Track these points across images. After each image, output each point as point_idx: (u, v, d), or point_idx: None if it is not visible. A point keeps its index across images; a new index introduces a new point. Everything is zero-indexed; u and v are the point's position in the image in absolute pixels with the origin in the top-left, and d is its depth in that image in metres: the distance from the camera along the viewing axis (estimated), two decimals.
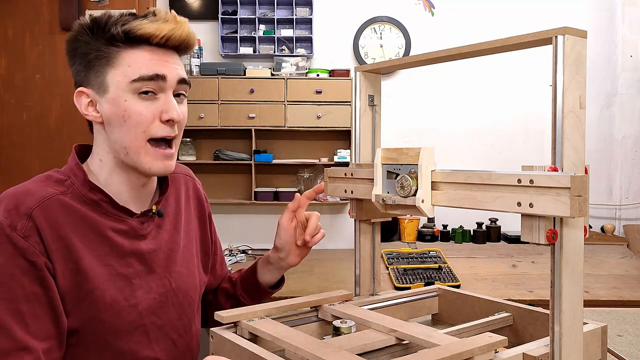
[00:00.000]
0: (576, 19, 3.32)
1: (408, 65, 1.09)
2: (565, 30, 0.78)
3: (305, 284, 2.45)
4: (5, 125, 3.30)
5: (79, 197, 0.95)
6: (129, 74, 0.92)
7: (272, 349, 0.87)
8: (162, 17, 0.94)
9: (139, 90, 0.92)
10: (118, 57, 0.92)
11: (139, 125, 0.93)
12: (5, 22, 3.27)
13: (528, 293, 2.38)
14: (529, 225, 0.79)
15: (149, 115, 0.93)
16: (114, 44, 0.92)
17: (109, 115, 0.94)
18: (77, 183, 0.96)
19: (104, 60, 0.93)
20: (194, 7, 3.35)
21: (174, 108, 0.94)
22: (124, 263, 0.97)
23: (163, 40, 0.93)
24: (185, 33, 0.95)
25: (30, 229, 0.87)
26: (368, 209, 1.15)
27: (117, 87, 0.92)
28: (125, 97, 0.92)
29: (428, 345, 0.84)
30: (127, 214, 0.99)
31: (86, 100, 0.96)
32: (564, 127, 0.78)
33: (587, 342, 0.92)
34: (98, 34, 0.92)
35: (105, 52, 0.92)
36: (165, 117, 0.94)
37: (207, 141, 3.35)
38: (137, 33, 0.91)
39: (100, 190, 0.96)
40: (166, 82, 0.94)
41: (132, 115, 0.92)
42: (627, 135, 3.34)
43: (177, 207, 1.11)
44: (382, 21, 3.36)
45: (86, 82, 0.95)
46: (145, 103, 0.93)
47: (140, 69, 0.92)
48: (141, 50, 0.93)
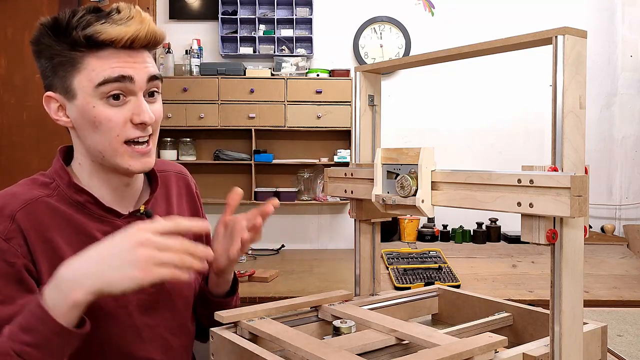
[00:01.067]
0: (576, 19, 3.32)
1: (408, 65, 1.09)
2: (565, 30, 0.78)
3: (305, 284, 2.45)
4: (5, 125, 3.30)
5: (65, 200, 0.94)
6: (94, 78, 0.88)
7: (272, 349, 0.87)
8: (125, 15, 0.89)
9: (107, 95, 0.89)
10: (82, 62, 0.88)
11: (111, 131, 0.90)
12: (5, 22, 3.27)
13: (528, 293, 2.38)
14: (529, 225, 0.79)
15: (119, 121, 0.90)
16: (76, 48, 0.88)
17: (79, 121, 0.91)
18: (62, 185, 0.95)
19: (68, 65, 0.89)
20: (194, 7, 3.35)
21: (144, 110, 0.91)
22: None
23: (128, 43, 0.88)
24: (150, 33, 0.90)
25: (14, 231, 0.87)
26: (368, 209, 1.15)
27: (84, 93, 0.89)
28: (93, 103, 0.89)
29: (428, 345, 0.84)
30: (114, 215, 0.97)
31: (55, 104, 0.93)
32: (564, 127, 0.78)
33: (587, 342, 0.92)
34: (60, 37, 0.88)
35: (68, 56, 0.88)
36: (136, 120, 0.90)
37: (207, 141, 3.35)
38: (99, 38, 0.87)
39: (86, 192, 0.95)
40: (134, 84, 0.90)
41: (102, 121, 0.89)
42: (627, 135, 3.34)
43: (168, 206, 1.09)
44: (382, 21, 3.36)
45: (53, 87, 0.92)
46: (115, 109, 0.89)
47: (104, 72, 0.88)
48: (106, 53, 0.88)
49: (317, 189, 3.25)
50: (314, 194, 3.25)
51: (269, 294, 2.30)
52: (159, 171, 1.07)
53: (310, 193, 3.26)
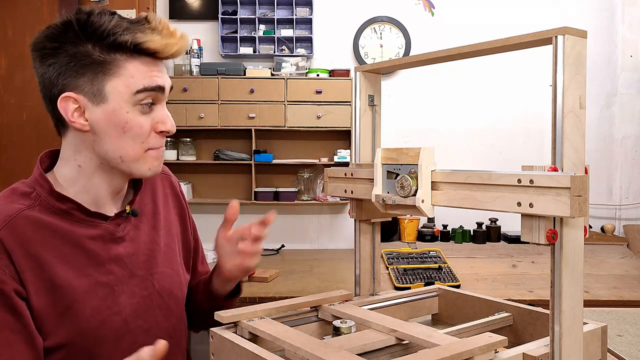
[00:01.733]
0: (576, 19, 3.32)
1: (408, 65, 1.09)
2: (565, 30, 0.78)
3: (305, 284, 2.45)
4: (5, 125, 3.30)
5: (48, 209, 0.92)
6: (132, 85, 0.89)
7: (272, 349, 0.87)
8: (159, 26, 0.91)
9: (141, 102, 0.91)
10: (120, 67, 0.89)
11: (138, 137, 0.92)
12: (5, 22, 3.27)
13: (528, 293, 2.38)
14: (529, 225, 0.79)
15: (147, 128, 0.93)
16: (117, 52, 0.88)
17: (104, 125, 0.90)
18: (44, 194, 0.92)
19: (101, 67, 0.88)
20: (194, 7, 3.35)
21: (169, 119, 0.95)
22: (104, 270, 0.95)
23: (169, 55, 0.92)
24: (185, 49, 0.95)
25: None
26: (368, 209, 1.15)
27: (119, 98, 0.89)
28: (127, 108, 0.90)
29: (428, 345, 0.84)
30: (100, 218, 0.96)
31: (74, 106, 0.90)
32: (564, 127, 0.78)
33: (587, 342, 0.92)
34: (95, 38, 0.87)
35: (104, 58, 0.88)
36: (162, 128, 0.94)
37: (207, 141, 3.35)
38: (146, 46, 0.89)
39: (68, 199, 0.93)
40: (163, 94, 0.94)
41: (133, 127, 0.91)
42: (627, 135, 3.34)
43: (155, 206, 1.08)
44: (382, 21, 3.36)
45: (75, 88, 0.89)
46: (144, 116, 0.92)
47: (143, 80, 0.90)
48: (143, 61, 0.91)
49: (317, 189, 3.25)
50: (314, 194, 3.25)
51: (269, 294, 2.30)
52: None
53: (310, 193, 3.26)
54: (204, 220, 2.86)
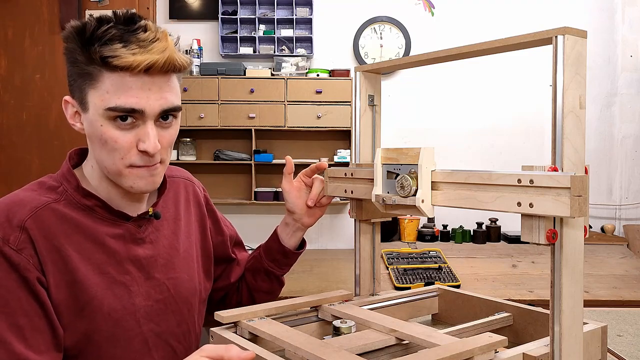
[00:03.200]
0: (576, 19, 3.32)
1: (408, 65, 1.09)
2: (565, 30, 0.78)
3: (305, 284, 2.45)
4: (5, 125, 3.30)
5: (73, 204, 0.93)
6: (105, 101, 0.85)
7: (272, 349, 0.87)
8: (149, 37, 0.85)
9: (115, 117, 0.86)
10: (98, 79, 0.86)
11: (116, 152, 0.88)
12: (5, 22, 3.27)
13: (528, 293, 2.38)
14: (529, 225, 0.79)
15: (124, 144, 0.88)
16: (96, 64, 0.85)
17: (89, 134, 0.91)
18: (70, 189, 0.94)
19: (86, 77, 0.87)
20: (194, 7, 3.35)
21: (150, 139, 0.87)
22: (122, 270, 0.95)
23: (142, 71, 0.84)
24: (168, 62, 0.86)
25: (24, 242, 0.86)
26: (368, 209, 1.15)
27: (95, 110, 0.87)
28: (101, 121, 0.87)
29: (428, 345, 0.84)
30: (122, 218, 0.97)
31: (72, 110, 0.93)
32: (564, 127, 0.78)
33: (587, 342, 0.92)
34: (83, 46, 0.85)
35: (87, 69, 0.86)
36: (140, 147, 0.88)
37: (207, 141, 3.35)
38: (113, 63, 0.83)
39: (94, 196, 0.94)
40: (144, 115, 0.87)
41: (108, 141, 0.87)
42: (627, 135, 3.34)
43: (177, 211, 1.09)
44: (382, 21, 3.36)
45: (72, 92, 0.92)
46: (122, 131, 0.87)
47: (118, 99, 0.85)
48: (121, 75, 0.84)
49: None
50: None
51: None
52: (168, 176, 1.06)
53: None
54: None
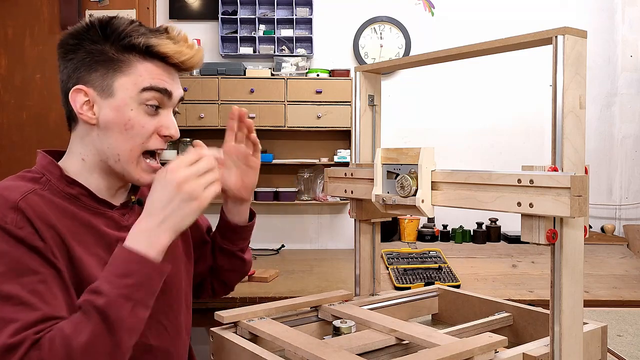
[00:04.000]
0: (576, 19, 3.32)
1: (408, 65, 1.09)
2: (565, 30, 0.78)
3: (305, 284, 2.45)
4: (5, 125, 3.30)
5: (57, 193, 0.94)
6: (140, 83, 0.93)
7: (272, 349, 0.87)
8: (176, 36, 0.97)
9: (146, 102, 0.94)
10: (131, 66, 0.94)
11: (139, 137, 0.95)
12: (5, 22, 3.27)
13: (528, 293, 2.38)
14: (529, 225, 0.79)
15: (150, 129, 0.96)
16: (131, 53, 0.93)
17: (109, 120, 0.94)
18: (54, 179, 0.95)
19: (113, 65, 0.93)
20: (194, 7, 3.35)
21: (174, 126, 0.99)
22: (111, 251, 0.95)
23: (178, 62, 0.96)
24: (200, 60, 1.00)
25: (21, 220, 0.86)
26: (368, 209, 1.15)
27: (125, 95, 0.93)
28: (132, 106, 0.94)
29: (428, 345, 0.84)
30: (106, 206, 0.99)
31: (83, 99, 0.95)
32: (564, 127, 0.78)
33: (587, 342, 0.92)
34: (112, 38, 0.93)
35: (118, 57, 0.93)
36: (165, 132, 0.97)
37: (207, 141, 3.30)
38: (157, 49, 0.94)
39: (78, 184, 0.96)
40: (170, 100, 0.98)
41: (135, 125, 0.94)
42: (627, 135, 3.34)
43: None
44: (382, 21, 3.36)
45: (87, 82, 0.94)
46: (148, 117, 0.95)
47: (152, 79, 0.94)
48: (154, 64, 0.95)
49: (317, 189, 3.25)
50: (314, 194, 3.25)
51: (269, 294, 2.30)
52: None
53: (310, 193, 3.26)
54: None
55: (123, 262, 0.84)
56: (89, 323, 0.78)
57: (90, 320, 0.79)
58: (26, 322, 0.79)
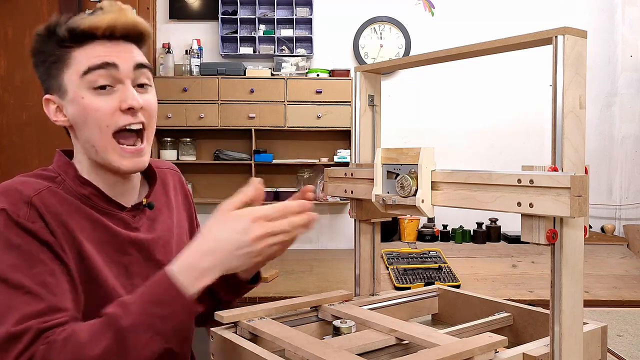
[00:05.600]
0: (576, 19, 3.32)
1: (408, 65, 1.09)
2: (565, 30, 0.78)
3: (305, 284, 2.45)
4: (5, 125, 3.30)
5: (71, 193, 0.95)
6: (79, 69, 0.91)
7: (272, 349, 0.87)
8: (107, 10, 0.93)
9: (94, 85, 0.91)
10: (70, 57, 0.92)
11: (100, 120, 0.92)
12: (5, 22, 3.27)
13: (528, 293, 2.38)
14: (529, 225, 0.79)
15: (107, 110, 0.91)
16: (63, 45, 0.92)
17: (73, 117, 0.94)
18: (68, 179, 0.96)
19: (59, 63, 0.93)
20: (194, 7, 3.35)
21: (132, 96, 0.92)
22: (122, 251, 0.97)
23: (108, 32, 0.92)
24: (129, 20, 0.94)
25: (34, 216, 0.87)
26: (368, 209, 1.15)
27: (73, 85, 0.92)
28: (82, 94, 0.91)
29: (428, 345, 0.84)
30: (117, 207, 0.99)
31: (53, 106, 0.96)
32: (564, 127, 0.78)
33: (587, 342, 0.92)
34: (50, 39, 0.93)
35: (57, 54, 0.93)
36: (124, 105, 0.92)
37: (207, 141, 3.35)
38: (80, 29, 0.91)
39: (91, 184, 0.96)
40: (119, 71, 0.92)
41: (89, 111, 0.91)
42: (627, 135, 3.34)
43: (168, 200, 1.11)
44: (382, 21, 3.36)
45: (50, 89, 0.96)
46: (103, 97, 0.92)
47: (88, 61, 0.91)
48: (91, 46, 0.92)
49: (317, 189, 3.24)
50: (314, 194, 3.25)
51: (269, 294, 2.30)
52: (155, 167, 1.09)
53: None
54: (204, 220, 2.85)
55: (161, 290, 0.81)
56: (105, 338, 0.77)
57: (108, 336, 0.77)
58: (30, 312, 0.80)
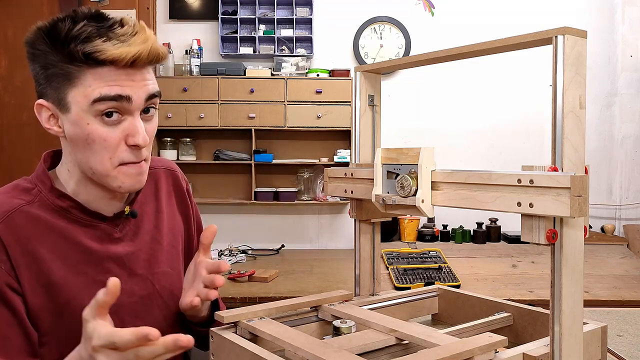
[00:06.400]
0: (576, 19, 3.32)
1: (408, 65, 1.09)
2: (565, 30, 0.78)
3: (305, 284, 2.45)
4: (5, 125, 3.30)
5: (47, 205, 0.91)
6: (90, 94, 0.84)
7: (272, 349, 0.87)
8: (128, 31, 0.85)
9: (102, 112, 0.85)
10: (79, 77, 0.84)
11: (105, 150, 0.87)
12: (5, 22, 3.27)
13: (528, 293, 2.38)
14: (529, 225, 0.79)
15: (113, 141, 0.87)
16: (74, 62, 0.83)
17: (72, 135, 0.88)
18: (45, 191, 0.92)
19: (63, 78, 0.85)
20: (194, 7, 3.35)
21: (139, 132, 0.87)
22: (101, 269, 0.94)
23: (129, 64, 0.84)
24: (152, 53, 0.86)
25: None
26: (368, 209, 1.15)
27: (79, 108, 0.85)
28: (88, 119, 0.85)
29: (428, 345, 0.84)
30: (98, 218, 0.95)
31: (47, 113, 0.89)
32: (564, 127, 0.78)
33: (587, 342, 0.92)
34: (57, 47, 0.84)
35: (64, 69, 0.84)
36: (130, 141, 0.87)
37: (207, 141, 3.35)
38: (99, 57, 0.82)
39: (68, 197, 0.92)
40: (131, 104, 0.86)
41: (95, 139, 0.86)
42: (627, 135, 3.34)
43: (158, 204, 1.06)
44: (382, 21, 3.36)
45: (46, 95, 0.88)
46: (109, 127, 0.86)
47: (101, 88, 0.83)
48: (104, 70, 0.84)
49: (317, 189, 3.25)
50: (314, 194, 3.25)
51: (269, 294, 2.30)
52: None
53: (310, 193, 3.26)
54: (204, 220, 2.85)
55: None
56: None
57: None
58: None
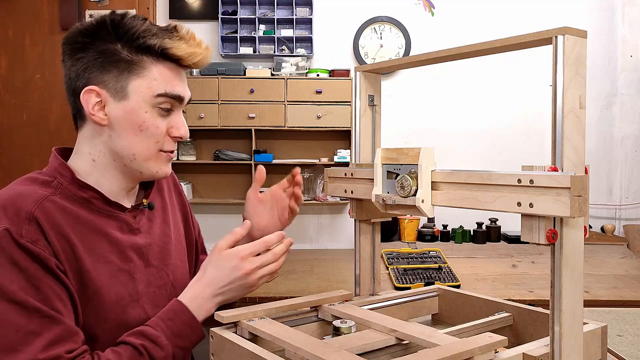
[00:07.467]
0: (576, 19, 3.32)
1: (408, 65, 1.09)
2: (565, 30, 0.78)
3: (305, 284, 2.45)
4: (5, 125, 3.30)
5: (69, 197, 0.93)
6: (155, 88, 0.94)
7: (272, 349, 0.87)
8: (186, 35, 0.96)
9: (159, 105, 0.95)
10: (145, 68, 0.93)
11: (153, 137, 0.96)
12: (5, 22, 3.27)
13: (528, 293, 2.38)
14: (529, 225, 0.79)
15: (163, 130, 0.97)
16: (144, 54, 0.93)
17: (122, 121, 0.94)
18: (65, 182, 0.94)
19: (127, 66, 0.92)
20: (194, 7, 3.35)
21: (184, 126, 1.00)
22: (125, 258, 0.97)
23: (192, 63, 0.97)
24: (209, 59, 1.00)
25: (35, 233, 0.86)
26: (368, 209, 1.15)
27: (140, 98, 0.93)
28: (146, 108, 0.94)
29: (428, 345, 0.84)
30: (118, 209, 0.99)
31: (96, 99, 0.93)
32: (564, 127, 0.78)
33: (587, 342, 0.92)
34: (126, 38, 0.92)
35: (132, 58, 0.92)
36: (176, 133, 0.98)
37: (207, 141, 3.35)
38: (172, 52, 0.93)
39: (90, 187, 0.95)
40: (182, 103, 0.99)
41: (149, 127, 0.95)
42: (627, 135, 3.34)
43: (163, 201, 1.12)
44: (382, 21, 3.36)
45: (100, 82, 0.93)
46: (161, 119, 0.96)
47: (166, 86, 0.95)
48: (167, 67, 0.95)
49: (317, 189, 3.25)
50: (314, 194, 3.25)
51: (269, 294, 2.30)
52: None
53: (310, 193, 3.26)
54: (204, 220, 2.86)
55: (182, 324, 0.94)
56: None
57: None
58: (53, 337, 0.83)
